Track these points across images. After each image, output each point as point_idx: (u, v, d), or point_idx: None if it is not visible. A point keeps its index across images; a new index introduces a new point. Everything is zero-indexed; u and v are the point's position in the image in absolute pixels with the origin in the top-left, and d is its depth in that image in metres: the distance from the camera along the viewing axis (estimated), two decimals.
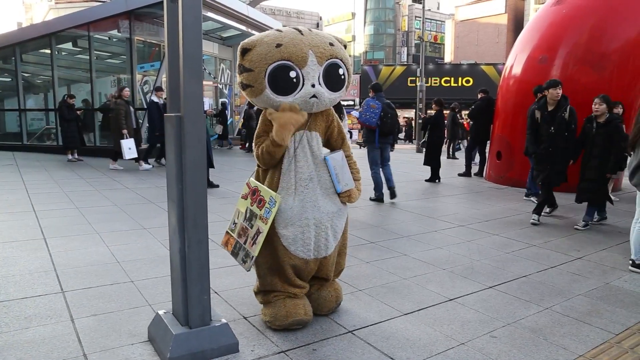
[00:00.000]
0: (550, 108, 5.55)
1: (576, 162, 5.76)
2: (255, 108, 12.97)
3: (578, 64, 7.82)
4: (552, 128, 5.45)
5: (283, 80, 2.60)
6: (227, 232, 2.88)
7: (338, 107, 4.98)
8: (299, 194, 2.71)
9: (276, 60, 2.57)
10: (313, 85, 2.65)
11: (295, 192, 2.71)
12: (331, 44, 2.73)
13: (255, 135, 2.82)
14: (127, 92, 9.71)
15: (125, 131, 9.33)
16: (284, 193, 2.70)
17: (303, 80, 2.63)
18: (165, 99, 9.35)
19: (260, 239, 2.64)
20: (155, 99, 9.95)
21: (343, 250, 3.05)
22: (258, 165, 2.88)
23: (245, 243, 2.70)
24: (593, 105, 5.42)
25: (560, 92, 5.51)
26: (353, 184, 2.91)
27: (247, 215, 2.73)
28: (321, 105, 2.74)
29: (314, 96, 2.66)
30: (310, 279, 2.96)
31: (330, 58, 2.69)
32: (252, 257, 2.66)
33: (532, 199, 7.10)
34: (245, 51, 2.65)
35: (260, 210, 2.67)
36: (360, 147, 16.33)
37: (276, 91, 2.62)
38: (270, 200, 2.64)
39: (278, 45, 2.59)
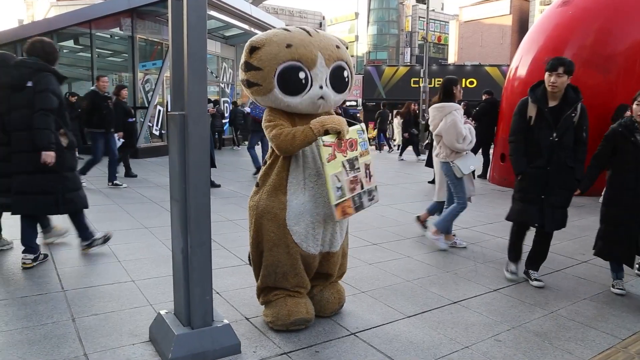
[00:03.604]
0: (552, 104, 3.58)
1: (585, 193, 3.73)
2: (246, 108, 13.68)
3: (584, 66, 7.74)
4: (555, 135, 3.51)
5: (292, 81, 2.63)
6: (337, 204, 2.63)
7: (352, 117, 5.05)
8: (308, 190, 2.72)
9: (286, 60, 2.59)
10: (321, 87, 2.70)
11: (304, 188, 2.72)
12: (337, 47, 2.79)
13: (269, 121, 2.72)
14: None
15: None
16: (294, 189, 2.71)
17: (311, 82, 2.67)
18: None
19: (372, 169, 2.85)
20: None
21: (345, 250, 3.06)
22: (264, 164, 2.85)
23: (362, 187, 2.77)
24: (638, 106, 3.42)
25: (564, 79, 3.50)
26: None
27: (348, 167, 2.71)
28: (327, 107, 2.81)
29: (321, 97, 2.71)
30: (312, 279, 2.94)
31: (337, 60, 2.75)
32: (375, 187, 2.87)
33: None
34: (253, 49, 2.63)
35: (357, 150, 2.75)
36: None
37: (285, 91, 2.64)
38: (359, 133, 2.78)
39: (288, 46, 2.60)
